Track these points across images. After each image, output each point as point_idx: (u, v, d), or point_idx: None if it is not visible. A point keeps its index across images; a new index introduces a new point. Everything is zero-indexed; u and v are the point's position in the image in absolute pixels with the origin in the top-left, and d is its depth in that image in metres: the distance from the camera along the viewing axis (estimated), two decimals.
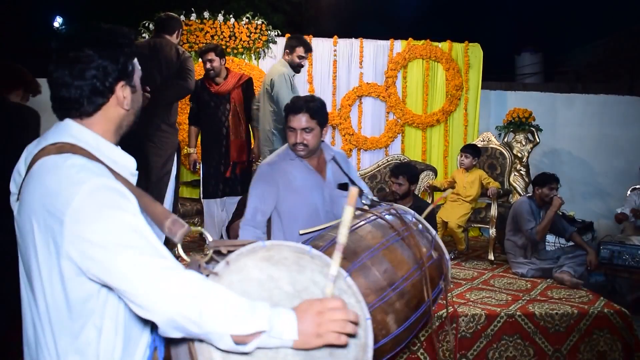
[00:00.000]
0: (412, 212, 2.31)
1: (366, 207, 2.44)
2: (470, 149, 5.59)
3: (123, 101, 1.40)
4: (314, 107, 2.76)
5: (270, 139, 4.70)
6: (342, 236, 1.38)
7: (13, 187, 1.39)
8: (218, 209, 5.12)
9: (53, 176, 1.24)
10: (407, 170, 4.40)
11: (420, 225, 2.24)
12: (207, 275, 1.32)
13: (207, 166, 5.06)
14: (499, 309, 3.65)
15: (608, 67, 11.42)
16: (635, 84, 9.31)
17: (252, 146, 5.26)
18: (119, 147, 1.45)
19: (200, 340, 1.26)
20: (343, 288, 1.45)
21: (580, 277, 4.35)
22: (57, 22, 14.08)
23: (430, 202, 5.64)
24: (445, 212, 5.42)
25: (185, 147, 4.85)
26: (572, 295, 4.04)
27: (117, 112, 1.41)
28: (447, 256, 2.23)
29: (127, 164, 1.43)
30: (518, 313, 3.63)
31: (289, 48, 4.80)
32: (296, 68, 4.86)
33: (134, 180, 1.42)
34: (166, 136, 4.32)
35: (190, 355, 1.29)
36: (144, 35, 6.52)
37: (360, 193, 2.52)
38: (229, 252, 1.43)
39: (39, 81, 3.28)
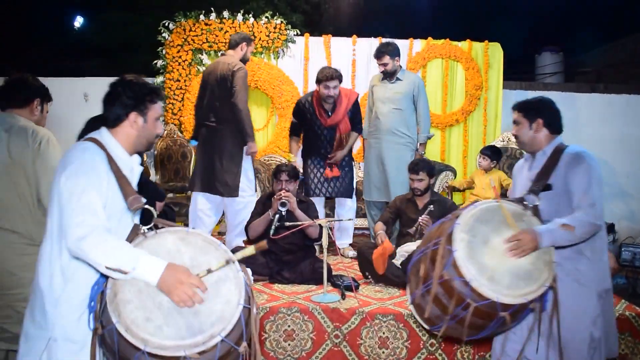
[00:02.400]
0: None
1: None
2: (488, 151, 5.56)
3: (134, 125, 2.20)
4: (521, 103, 2.93)
5: None
6: (234, 255, 2.06)
7: None
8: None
9: (72, 150, 2.10)
10: (425, 165, 4.42)
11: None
12: (139, 234, 2.07)
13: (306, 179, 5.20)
14: None
15: (630, 67, 11.27)
16: None
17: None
18: (130, 154, 2.25)
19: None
20: (229, 276, 2.01)
21: None
22: (78, 22, 14.24)
23: None
24: None
25: (290, 155, 5.10)
26: None
27: (130, 131, 2.20)
28: (467, 278, 2.33)
29: (127, 161, 2.21)
30: None
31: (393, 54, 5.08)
32: (385, 74, 5.16)
33: (131, 174, 2.20)
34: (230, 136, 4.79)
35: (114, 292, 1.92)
36: (163, 34, 6.58)
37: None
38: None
39: (44, 80, 3.32)
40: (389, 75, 5.11)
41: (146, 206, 2.14)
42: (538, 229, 2.48)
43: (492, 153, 5.55)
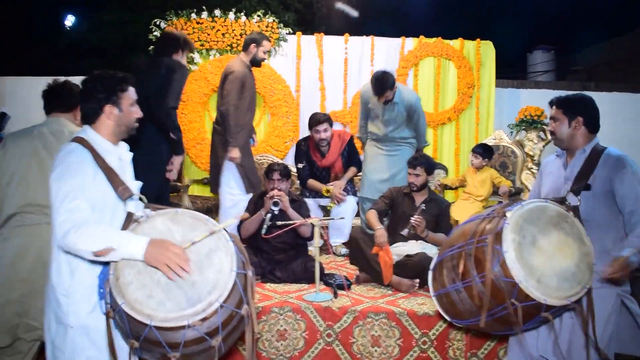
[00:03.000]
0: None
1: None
2: (480, 149, 5.56)
3: (110, 116, 2.32)
4: (562, 99, 2.89)
5: None
6: (217, 226, 2.19)
7: None
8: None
9: (59, 153, 2.24)
10: (424, 161, 4.38)
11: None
12: (133, 221, 2.20)
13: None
14: None
15: (622, 65, 11.33)
16: None
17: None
18: (115, 143, 2.39)
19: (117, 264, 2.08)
20: (219, 246, 2.14)
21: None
22: (69, 20, 14.17)
23: None
24: (457, 211, 5.39)
25: (324, 188, 5.23)
26: None
27: (108, 123, 2.33)
28: (519, 279, 2.33)
29: (114, 152, 2.35)
30: None
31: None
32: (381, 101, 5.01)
33: (121, 163, 2.36)
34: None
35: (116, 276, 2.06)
36: (155, 33, 6.54)
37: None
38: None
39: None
40: (387, 102, 4.99)
41: (136, 194, 2.31)
42: (628, 256, 2.47)
43: (484, 151, 5.55)
